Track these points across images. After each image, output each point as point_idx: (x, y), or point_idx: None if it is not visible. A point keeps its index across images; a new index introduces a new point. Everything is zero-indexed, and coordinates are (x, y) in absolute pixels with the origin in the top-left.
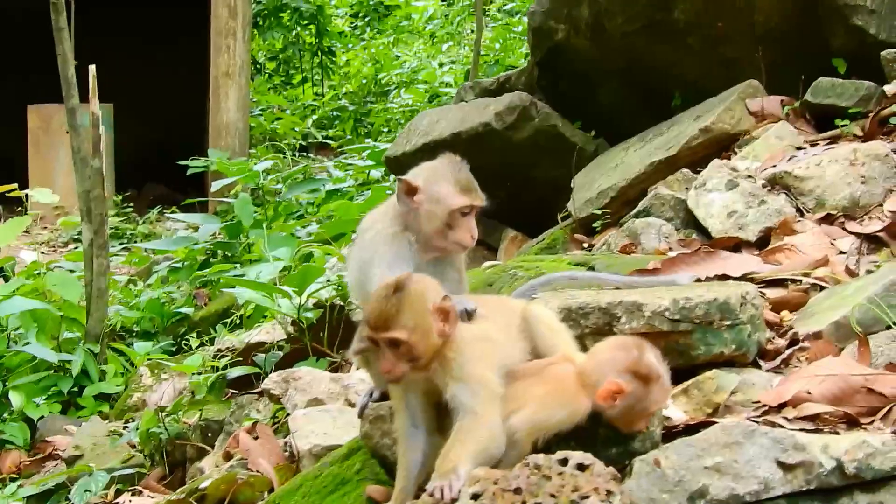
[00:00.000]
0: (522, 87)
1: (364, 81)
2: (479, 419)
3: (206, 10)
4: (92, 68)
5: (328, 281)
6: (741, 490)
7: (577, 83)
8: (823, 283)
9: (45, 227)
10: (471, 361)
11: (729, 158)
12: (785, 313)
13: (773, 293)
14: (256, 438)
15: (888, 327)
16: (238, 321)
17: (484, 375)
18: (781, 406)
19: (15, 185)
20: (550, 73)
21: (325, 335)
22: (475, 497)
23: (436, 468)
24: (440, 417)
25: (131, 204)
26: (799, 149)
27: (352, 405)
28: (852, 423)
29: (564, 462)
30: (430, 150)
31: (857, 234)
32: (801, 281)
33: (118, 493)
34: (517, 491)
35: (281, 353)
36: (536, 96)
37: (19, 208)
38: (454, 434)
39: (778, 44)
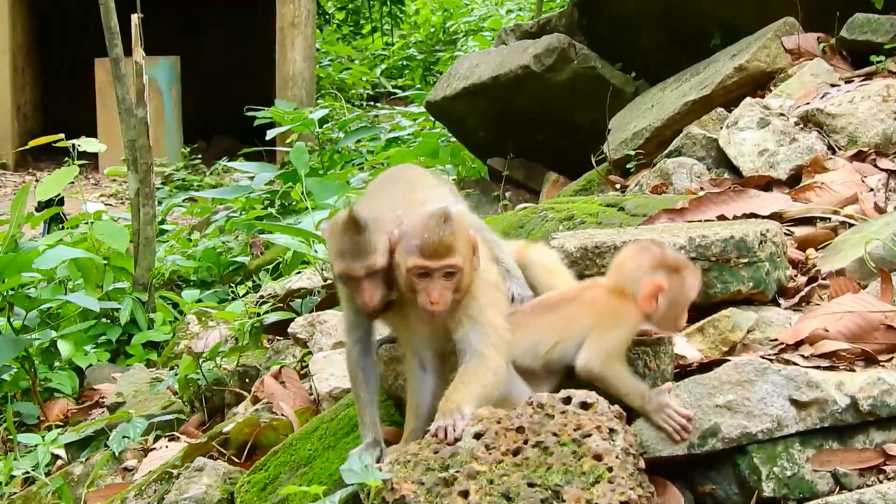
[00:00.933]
0: (563, 30)
1: (432, 30)
2: (486, 362)
3: None
4: (135, 17)
5: None
6: (753, 428)
7: (617, 24)
8: (852, 221)
9: (115, 180)
10: (487, 305)
11: (764, 97)
12: (810, 251)
13: (801, 231)
14: (283, 383)
15: None
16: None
17: (496, 320)
18: (798, 344)
19: (62, 135)
20: (590, 14)
21: None
22: (478, 436)
23: (439, 409)
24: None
25: (199, 156)
26: (833, 86)
27: None
28: (870, 360)
29: (568, 401)
30: (469, 94)
31: (888, 171)
32: (829, 219)
33: (157, 439)
34: (520, 430)
35: (318, 299)
36: (577, 38)
37: (89, 162)
38: (459, 375)
39: None
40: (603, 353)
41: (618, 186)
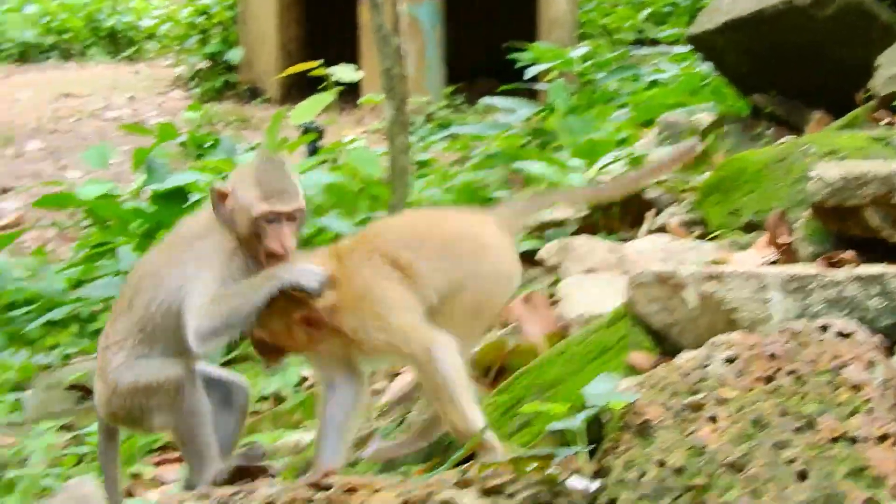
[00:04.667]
0: None
1: None
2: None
3: None
4: None
5: (616, 157)
6: None
7: None
8: None
9: (377, 117)
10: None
11: None
12: None
13: None
14: (532, 308)
15: None
16: None
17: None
18: None
19: (320, 61)
20: None
21: (615, 210)
22: (729, 361)
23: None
24: None
25: (462, 96)
26: None
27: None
28: None
29: (824, 329)
30: (729, 29)
31: None
32: None
33: None
34: (772, 357)
35: (571, 230)
36: None
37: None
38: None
39: None
40: None
41: (884, 123)
